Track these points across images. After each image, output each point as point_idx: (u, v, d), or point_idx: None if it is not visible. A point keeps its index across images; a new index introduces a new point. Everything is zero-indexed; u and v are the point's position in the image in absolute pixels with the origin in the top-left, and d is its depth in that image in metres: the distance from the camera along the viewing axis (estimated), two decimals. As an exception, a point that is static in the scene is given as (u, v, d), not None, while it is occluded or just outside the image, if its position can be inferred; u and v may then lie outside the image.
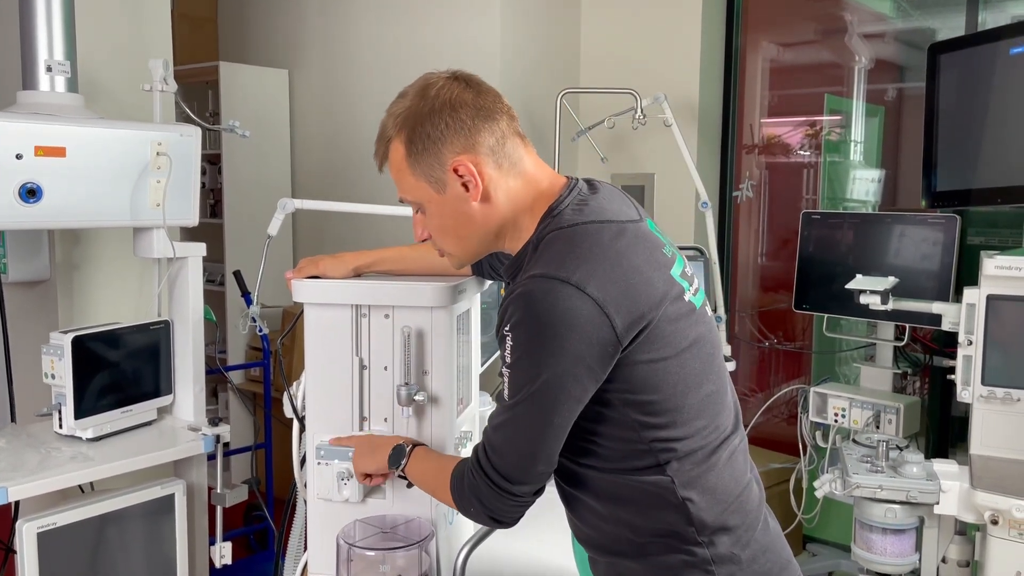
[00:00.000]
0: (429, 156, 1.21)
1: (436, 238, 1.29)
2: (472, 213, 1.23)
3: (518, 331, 1.11)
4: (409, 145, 1.22)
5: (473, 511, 1.25)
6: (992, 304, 2.13)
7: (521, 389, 1.13)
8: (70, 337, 2.06)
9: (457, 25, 3.55)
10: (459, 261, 1.33)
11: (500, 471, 1.19)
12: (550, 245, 1.17)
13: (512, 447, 1.18)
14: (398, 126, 1.24)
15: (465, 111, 1.20)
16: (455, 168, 1.20)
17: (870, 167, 3.49)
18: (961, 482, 2.02)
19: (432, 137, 1.20)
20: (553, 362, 1.10)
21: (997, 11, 2.89)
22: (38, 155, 1.97)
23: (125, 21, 2.65)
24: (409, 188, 1.25)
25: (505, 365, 1.14)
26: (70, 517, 1.96)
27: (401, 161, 1.24)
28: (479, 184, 1.21)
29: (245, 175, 4.03)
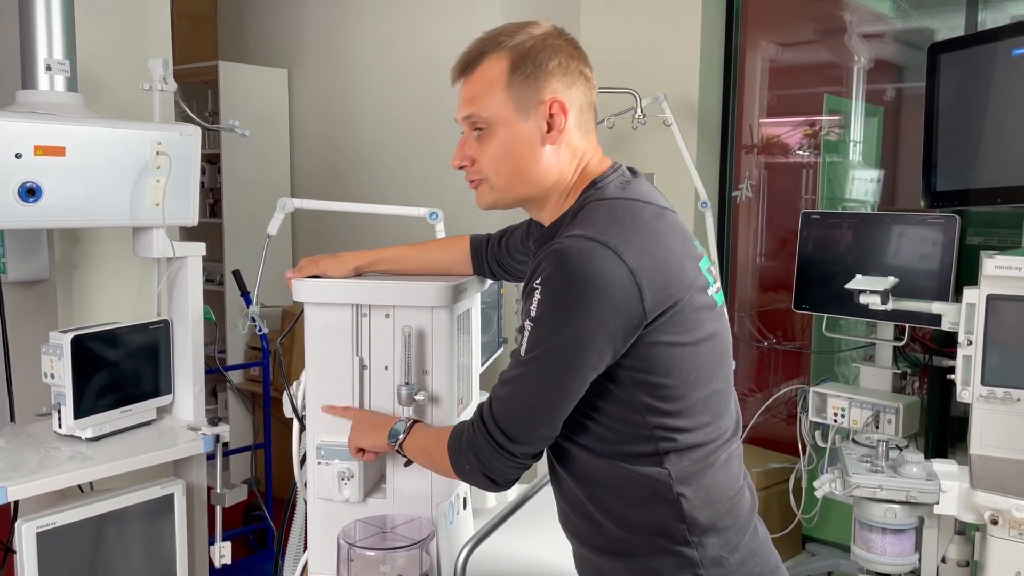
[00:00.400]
0: (532, 81, 1.20)
1: (487, 165, 1.25)
2: (539, 154, 1.23)
3: (549, 285, 1.10)
4: (516, 64, 1.21)
5: (468, 468, 1.23)
6: (992, 304, 2.13)
7: (540, 344, 1.12)
8: (69, 337, 2.06)
9: (457, 24, 3.55)
10: (496, 197, 1.28)
11: (502, 427, 1.18)
12: (591, 213, 1.18)
13: (519, 403, 1.17)
14: (505, 46, 1.22)
15: (574, 64, 1.23)
16: (551, 102, 1.21)
17: (869, 167, 3.49)
18: (961, 482, 2.02)
19: (544, 67, 1.21)
20: (578, 322, 1.09)
21: (997, 11, 2.89)
22: (37, 154, 1.96)
23: (124, 20, 2.65)
24: (491, 104, 1.22)
25: (528, 319, 1.13)
26: (69, 517, 1.96)
27: (499, 75, 1.21)
28: (563, 128, 1.22)
29: (244, 175, 4.03)
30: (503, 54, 1.21)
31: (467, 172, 1.29)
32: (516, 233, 1.59)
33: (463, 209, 3.46)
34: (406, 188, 3.76)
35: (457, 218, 2.55)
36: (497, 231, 1.65)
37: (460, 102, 1.26)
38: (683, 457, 1.18)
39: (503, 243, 1.61)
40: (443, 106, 3.62)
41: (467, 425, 1.24)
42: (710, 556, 1.19)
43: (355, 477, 1.52)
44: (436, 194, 3.61)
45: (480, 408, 1.22)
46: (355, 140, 3.97)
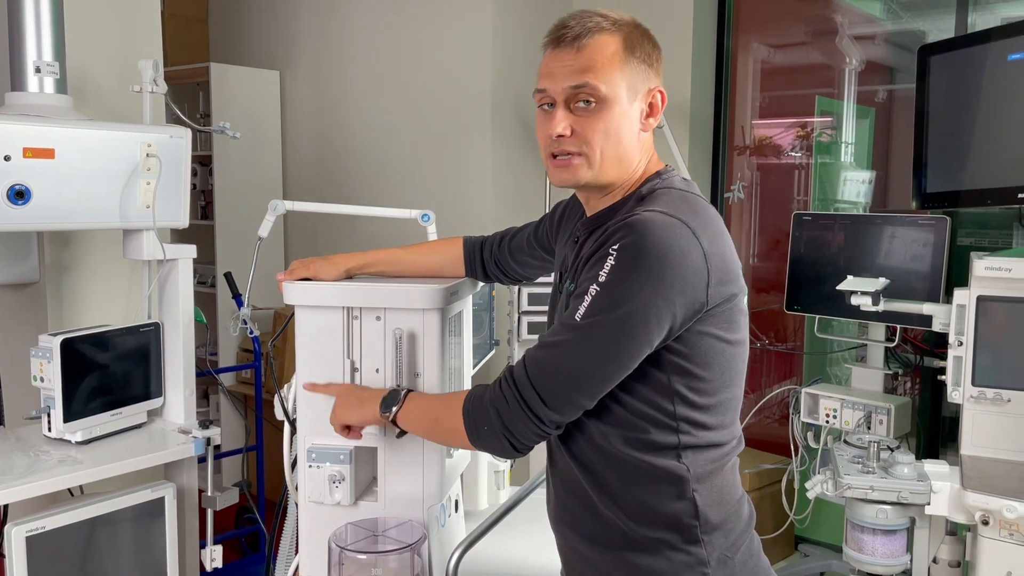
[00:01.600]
0: (643, 68, 1.23)
1: (594, 138, 1.21)
2: (635, 138, 1.25)
3: (627, 252, 1.10)
4: (629, 47, 1.22)
5: (487, 430, 1.19)
6: (982, 305, 2.14)
7: (602, 311, 1.11)
8: (59, 339, 2.05)
9: (450, 26, 3.54)
10: (590, 176, 1.23)
11: (538, 389, 1.14)
12: (663, 196, 1.20)
13: (563, 367, 1.14)
14: (617, 27, 1.23)
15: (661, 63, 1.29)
16: (655, 91, 1.25)
17: (861, 168, 3.50)
18: (952, 482, 2.02)
19: (651, 57, 1.25)
20: (650, 291, 1.09)
21: (986, 12, 2.90)
22: (27, 157, 1.95)
23: (114, 22, 2.64)
24: (609, 79, 1.20)
25: (595, 284, 1.11)
26: (59, 521, 1.94)
27: (615, 54, 1.21)
28: (658, 115, 1.26)
29: (236, 176, 4.02)
30: (618, 35, 1.22)
31: (562, 142, 1.22)
32: (521, 235, 1.59)
33: (454, 211, 3.46)
34: (398, 190, 3.76)
35: (449, 220, 2.55)
36: (495, 233, 1.65)
37: (563, 71, 1.20)
38: (700, 455, 1.19)
39: (504, 244, 1.61)
40: (435, 108, 3.62)
41: (492, 385, 1.20)
42: (716, 555, 1.20)
43: (346, 480, 1.52)
44: (428, 196, 3.61)
45: (511, 369, 1.19)
46: (347, 142, 3.97)
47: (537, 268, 1.61)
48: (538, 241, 1.55)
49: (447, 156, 3.59)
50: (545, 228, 1.53)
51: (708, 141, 3.58)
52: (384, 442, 1.53)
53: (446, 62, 3.57)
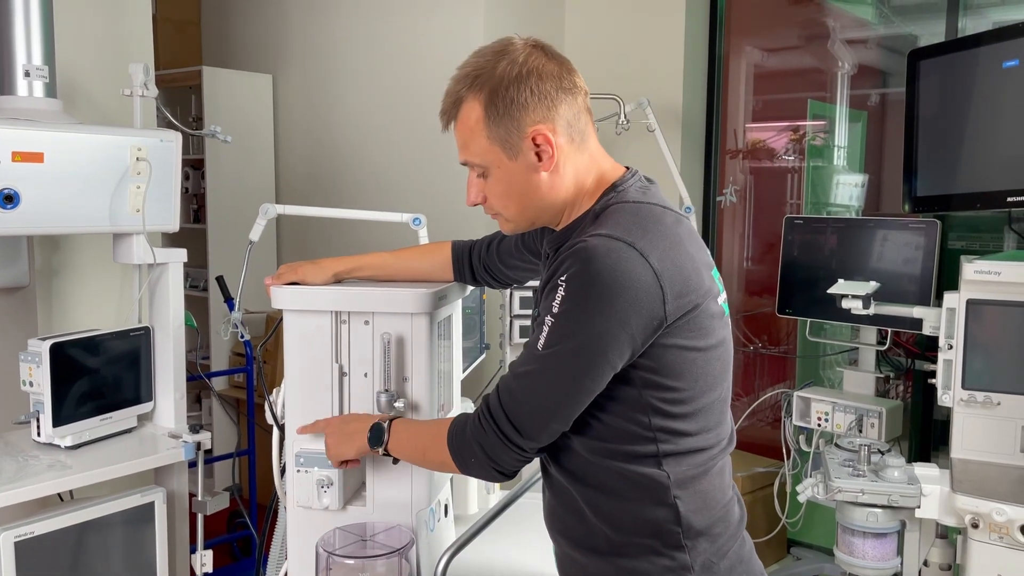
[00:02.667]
0: (508, 121, 1.19)
1: (496, 203, 1.27)
2: (539, 182, 1.22)
3: (574, 283, 1.10)
4: (489, 107, 1.19)
5: (474, 461, 1.22)
6: (972, 308, 2.14)
7: (561, 340, 1.11)
8: (48, 344, 2.04)
9: (441, 30, 3.55)
10: (514, 227, 1.31)
11: (513, 421, 1.17)
12: (614, 214, 1.18)
13: (533, 398, 1.16)
14: (477, 86, 1.20)
15: (550, 82, 1.20)
16: (533, 136, 1.20)
17: (853, 172, 3.51)
18: (942, 486, 2.03)
19: (516, 103, 1.18)
20: (601, 320, 1.09)
21: (977, 17, 2.91)
22: (16, 161, 1.95)
23: (105, 25, 2.63)
24: (479, 151, 1.22)
25: (549, 314, 1.12)
26: (48, 526, 1.94)
27: (477, 122, 1.21)
28: (553, 155, 1.21)
29: (229, 180, 4.01)
30: (476, 98, 1.20)
31: (484, 208, 1.30)
32: (509, 239, 1.59)
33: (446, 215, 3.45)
34: (390, 194, 3.76)
35: (440, 224, 2.55)
36: (483, 237, 1.65)
37: (457, 145, 1.27)
38: (682, 461, 1.19)
39: (492, 248, 1.61)
40: (427, 111, 3.61)
41: (471, 418, 1.22)
42: (701, 561, 1.19)
43: (334, 485, 1.52)
44: (419, 200, 3.61)
45: (487, 401, 1.20)
46: (340, 146, 3.96)
47: (526, 272, 1.61)
48: (525, 245, 1.55)
49: (438, 160, 3.59)
50: (532, 232, 1.53)
51: (700, 145, 3.58)
52: (373, 447, 1.52)
53: (438, 66, 3.56)
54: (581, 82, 1.25)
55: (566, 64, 1.24)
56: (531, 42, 1.23)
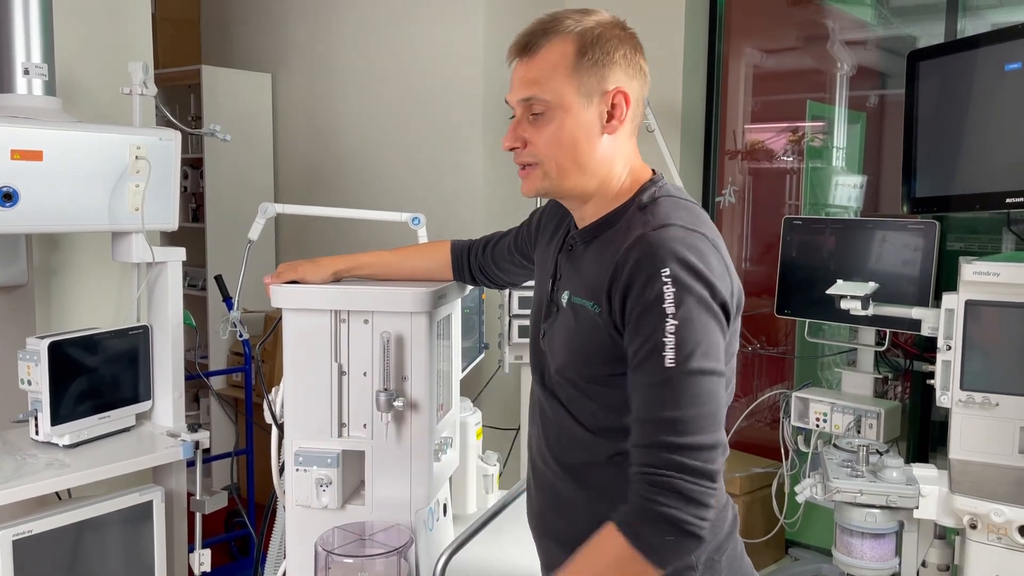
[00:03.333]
0: (597, 69, 1.17)
1: (543, 149, 1.20)
2: (595, 143, 1.20)
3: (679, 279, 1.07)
4: (583, 50, 1.17)
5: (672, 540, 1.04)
6: (970, 309, 2.14)
7: (690, 340, 1.06)
8: (47, 342, 2.04)
9: (440, 29, 3.55)
10: (548, 184, 1.22)
11: (697, 449, 1.04)
12: (669, 206, 1.18)
13: (706, 410, 1.06)
14: (568, 31, 1.18)
15: (637, 56, 1.21)
16: (615, 94, 1.18)
17: (852, 173, 3.51)
18: (940, 486, 2.03)
19: (611, 56, 1.18)
20: (713, 308, 1.09)
21: (976, 18, 2.91)
22: (14, 159, 1.95)
23: (104, 23, 2.63)
24: (554, 87, 1.18)
25: (669, 318, 1.06)
26: (46, 524, 1.93)
27: (563, 57, 1.17)
28: (623, 119, 1.19)
29: (228, 179, 4.01)
30: (570, 38, 1.18)
31: (517, 154, 1.23)
32: (503, 241, 1.58)
33: (445, 214, 3.46)
34: (389, 193, 3.75)
35: (440, 223, 2.55)
36: (481, 237, 1.64)
37: (516, 83, 1.21)
38: None
39: (487, 250, 1.60)
40: (426, 111, 3.62)
41: (645, 497, 1.05)
42: (704, 559, 1.20)
43: (333, 483, 1.52)
44: (419, 199, 3.61)
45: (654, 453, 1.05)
46: (339, 145, 3.96)
47: (520, 275, 1.60)
48: (518, 249, 1.54)
49: (438, 159, 3.59)
50: (523, 236, 1.52)
51: (700, 145, 3.58)
52: (372, 445, 1.52)
53: (437, 65, 3.57)
54: (650, 77, 1.26)
55: (644, 52, 1.25)
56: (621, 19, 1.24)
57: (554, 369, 1.24)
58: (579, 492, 1.23)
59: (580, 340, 1.19)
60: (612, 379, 1.17)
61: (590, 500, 1.22)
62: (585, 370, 1.20)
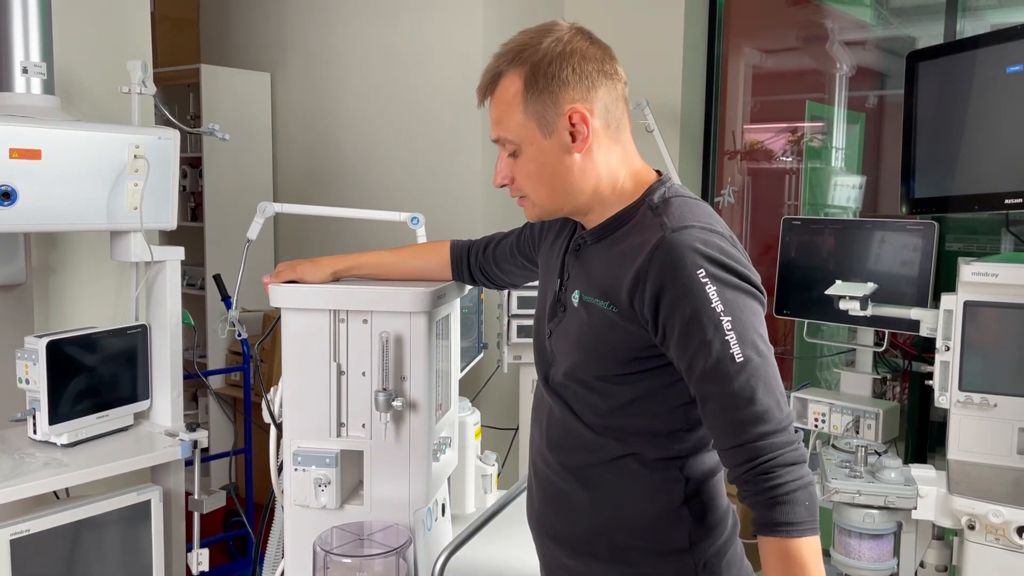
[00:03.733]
0: (547, 96, 1.17)
1: (525, 184, 1.23)
2: (571, 165, 1.20)
3: (717, 276, 1.09)
4: (529, 81, 1.18)
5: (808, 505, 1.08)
6: (969, 310, 2.14)
7: (749, 328, 1.09)
8: (45, 341, 2.04)
9: (440, 29, 3.54)
10: (540, 211, 1.26)
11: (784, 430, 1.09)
12: (682, 206, 1.18)
13: (777, 395, 1.10)
14: (520, 61, 1.19)
15: (591, 63, 1.19)
16: (570, 115, 1.18)
17: (851, 173, 3.51)
18: (939, 487, 2.03)
19: (557, 79, 1.17)
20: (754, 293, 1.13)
21: (975, 19, 2.91)
22: (13, 157, 1.94)
23: (103, 22, 2.63)
24: (514, 126, 1.20)
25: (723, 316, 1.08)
26: (44, 524, 1.93)
27: (515, 95, 1.19)
28: (588, 137, 1.19)
29: (227, 178, 4.01)
30: (517, 72, 1.19)
31: (510, 189, 1.27)
32: (505, 242, 1.58)
33: (444, 214, 3.45)
34: (388, 193, 3.75)
35: (438, 223, 2.55)
36: (481, 238, 1.64)
37: (491, 122, 1.24)
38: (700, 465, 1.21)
39: (488, 251, 1.60)
40: (425, 110, 3.62)
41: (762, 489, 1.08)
42: (704, 561, 1.20)
43: (332, 483, 1.52)
44: (417, 199, 3.61)
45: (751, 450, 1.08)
46: (338, 144, 3.96)
47: (521, 276, 1.60)
48: (520, 251, 1.54)
49: (437, 159, 3.59)
50: (526, 238, 1.52)
51: (699, 145, 3.58)
52: (370, 445, 1.52)
53: (436, 65, 3.57)
54: (621, 71, 1.24)
55: (608, 51, 1.23)
56: (576, 26, 1.23)
57: (563, 369, 1.24)
58: (581, 492, 1.23)
59: (592, 339, 1.19)
60: (623, 378, 1.17)
61: (592, 500, 1.22)
62: (596, 369, 1.20)
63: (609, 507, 1.20)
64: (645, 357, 1.15)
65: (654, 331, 1.13)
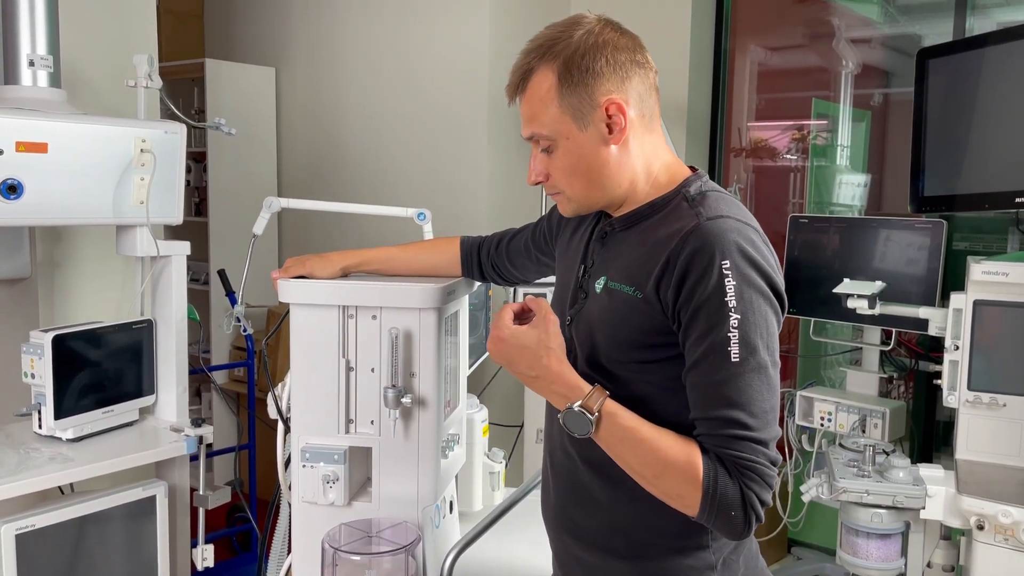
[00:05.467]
0: (582, 89, 1.16)
1: (560, 179, 1.22)
2: (607, 157, 1.19)
3: (741, 271, 1.08)
4: (563, 75, 1.16)
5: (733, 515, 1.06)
6: (979, 309, 2.13)
7: (755, 332, 1.07)
8: (51, 336, 2.03)
9: (446, 23, 3.53)
10: (576, 206, 1.25)
11: (768, 442, 1.07)
12: (719, 199, 1.18)
13: (771, 404, 1.08)
14: (552, 55, 1.17)
15: (624, 54, 1.19)
16: (607, 106, 1.17)
17: (856, 171, 3.50)
18: (947, 487, 2.02)
19: (591, 71, 1.16)
20: (771, 299, 1.11)
21: (983, 17, 2.90)
22: (19, 151, 1.93)
23: (109, 16, 2.62)
24: (549, 121, 1.19)
25: (732, 311, 1.06)
26: (49, 519, 1.93)
27: (549, 90, 1.17)
28: (624, 127, 1.18)
29: (231, 173, 4.00)
30: (550, 67, 1.17)
31: (545, 186, 1.25)
32: (519, 238, 1.57)
33: (449, 210, 3.44)
34: (394, 188, 3.74)
35: (443, 218, 2.54)
36: (493, 234, 1.63)
37: (522, 119, 1.23)
38: None
39: (501, 247, 1.59)
40: (431, 106, 3.61)
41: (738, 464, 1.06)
42: (722, 558, 1.20)
43: (340, 480, 1.51)
44: (425, 194, 3.60)
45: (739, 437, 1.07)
46: (343, 139, 3.95)
47: (535, 272, 1.59)
48: (535, 245, 1.53)
49: (443, 154, 3.58)
50: (542, 231, 1.51)
51: (705, 143, 3.57)
52: (379, 442, 1.52)
53: (442, 60, 3.55)
54: (652, 60, 1.23)
55: (637, 40, 1.23)
56: (603, 17, 1.22)
57: (583, 357, 1.22)
58: (601, 486, 1.22)
59: (613, 324, 1.18)
60: (642, 366, 1.16)
61: (612, 495, 1.21)
62: (614, 354, 1.18)
63: (630, 502, 1.19)
64: (662, 344, 1.14)
65: (673, 317, 1.12)
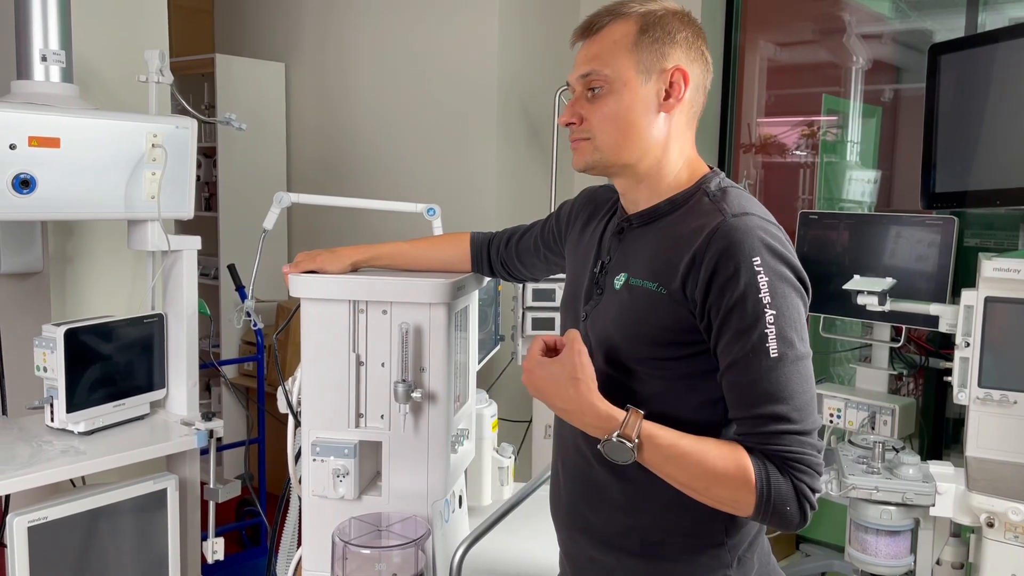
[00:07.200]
0: (659, 46, 1.18)
1: (597, 123, 1.20)
2: (651, 120, 1.19)
3: (772, 267, 1.08)
4: (645, 28, 1.18)
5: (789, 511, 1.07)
6: (990, 306, 2.13)
7: (790, 325, 1.08)
8: (63, 330, 2.04)
9: (455, 20, 3.53)
10: (597, 159, 1.22)
11: (812, 430, 1.08)
12: (740, 196, 1.18)
13: (810, 395, 1.09)
14: (635, 14, 1.19)
15: (701, 41, 1.23)
16: (672, 72, 1.18)
17: (866, 168, 3.49)
18: (957, 484, 2.01)
19: (671, 37, 1.19)
20: (801, 292, 1.12)
21: (995, 12, 2.89)
22: (32, 146, 1.94)
23: (121, 11, 2.63)
24: (613, 63, 1.18)
25: (767, 308, 1.07)
26: (61, 511, 1.94)
27: (626, 36, 1.18)
28: (680, 97, 1.19)
29: (240, 168, 4.01)
30: (632, 19, 1.19)
31: (572, 130, 1.23)
32: (528, 236, 1.57)
33: (457, 205, 3.45)
34: (404, 183, 3.75)
35: (452, 214, 2.54)
36: (503, 231, 1.63)
37: (579, 61, 1.22)
38: None
39: (511, 245, 1.59)
40: (441, 101, 3.61)
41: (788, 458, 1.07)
42: (737, 556, 1.20)
43: (350, 474, 1.51)
44: (434, 190, 3.60)
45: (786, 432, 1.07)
46: (352, 134, 3.96)
47: (544, 270, 1.59)
48: (544, 244, 1.53)
49: (452, 150, 3.58)
50: (551, 229, 1.51)
51: (714, 139, 3.57)
52: (389, 436, 1.52)
53: (452, 55, 3.56)
54: (712, 66, 1.26)
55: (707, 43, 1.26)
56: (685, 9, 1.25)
57: (602, 354, 1.21)
58: (616, 485, 1.21)
59: (633, 320, 1.18)
60: (661, 363, 1.16)
61: (628, 494, 1.21)
62: (634, 350, 1.18)
63: (645, 502, 1.19)
64: (685, 342, 1.13)
65: (701, 315, 1.11)
